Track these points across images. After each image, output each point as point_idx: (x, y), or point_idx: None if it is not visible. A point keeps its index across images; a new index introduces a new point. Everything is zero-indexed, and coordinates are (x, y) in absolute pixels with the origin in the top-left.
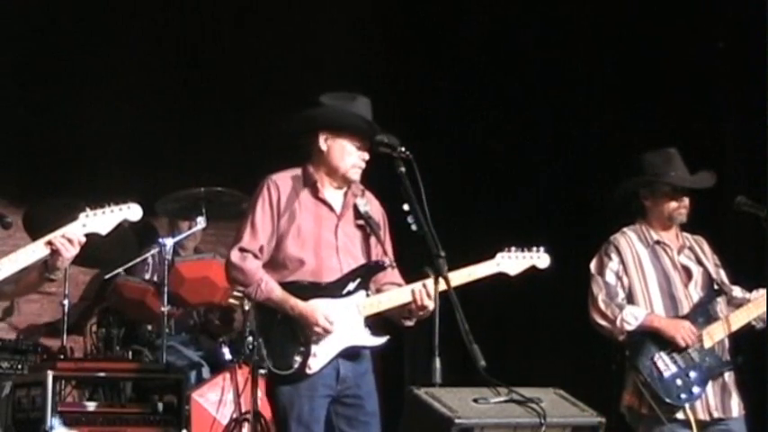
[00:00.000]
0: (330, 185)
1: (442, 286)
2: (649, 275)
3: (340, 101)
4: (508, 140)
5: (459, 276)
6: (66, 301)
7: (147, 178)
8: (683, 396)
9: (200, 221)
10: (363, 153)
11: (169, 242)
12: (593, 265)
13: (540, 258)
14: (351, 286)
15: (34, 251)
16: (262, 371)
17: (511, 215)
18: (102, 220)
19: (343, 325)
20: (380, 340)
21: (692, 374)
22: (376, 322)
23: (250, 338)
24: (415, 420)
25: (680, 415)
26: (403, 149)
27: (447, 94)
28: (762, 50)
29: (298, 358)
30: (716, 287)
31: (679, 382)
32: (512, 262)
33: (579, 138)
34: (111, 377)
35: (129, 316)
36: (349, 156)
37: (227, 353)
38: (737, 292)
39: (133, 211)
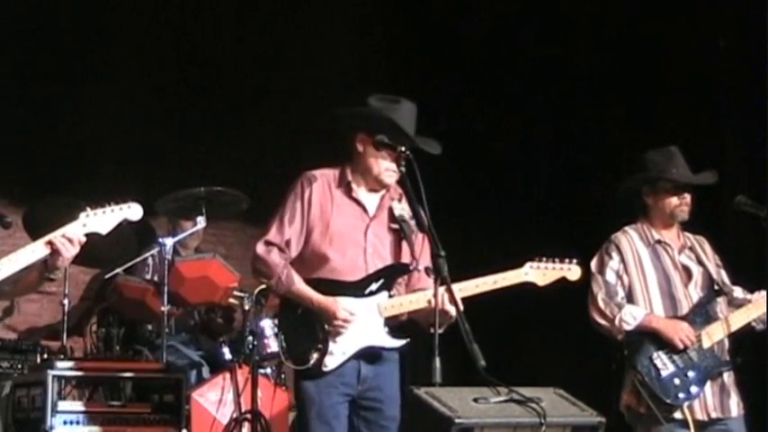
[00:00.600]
0: (365, 187)
1: (467, 292)
2: (649, 275)
3: (383, 103)
4: (509, 139)
5: (485, 284)
6: (66, 301)
7: (147, 178)
8: (681, 395)
9: (201, 221)
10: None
11: (169, 242)
12: (593, 264)
13: (572, 270)
14: (373, 286)
15: (34, 251)
16: (262, 370)
17: (511, 214)
18: (102, 219)
19: (363, 325)
20: (399, 342)
21: (691, 374)
22: (403, 325)
23: (250, 338)
24: (415, 420)
25: (678, 414)
26: (403, 149)
27: (448, 92)
28: (762, 49)
29: (315, 355)
30: (716, 287)
31: (677, 381)
32: (540, 273)
33: (580, 136)
34: (111, 377)
35: (129, 316)
36: (383, 159)
37: (227, 352)
38: (738, 292)
39: (133, 211)
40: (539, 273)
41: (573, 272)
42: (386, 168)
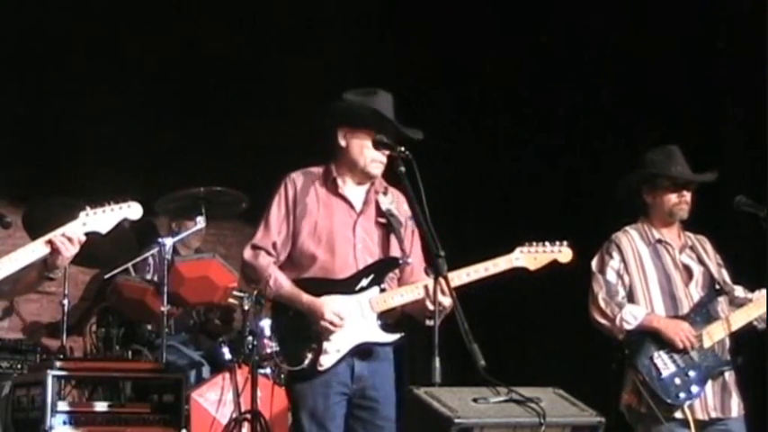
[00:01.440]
0: (351, 181)
1: (459, 281)
2: (650, 274)
3: (360, 96)
4: (509, 138)
5: (476, 272)
6: (65, 301)
7: (147, 178)
8: (682, 395)
9: (200, 221)
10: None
11: (169, 242)
12: (594, 264)
13: (562, 252)
14: (364, 282)
15: (34, 250)
16: (261, 370)
17: (511, 214)
18: (102, 218)
19: (355, 321)
20: (393, 337)
21: (691, 374)
22: (399, 321)
23: (250, 338)
24: (415, 420)
25: (678, 414)
26: (402, 149)
27: (449, 92)
28: (762, 49)
29: (309, 355)
30: (717, 287)
31: (678, 381)
32: (531, 257)
33: (580, 136)
34: (111, 377)
35: (128, 315)
36: (368, 150)
37: (226, 352)
38: (739, 291)
39: (133, 210)
40: (529, 257)
41: (564, 254)
42: (372, 159)
